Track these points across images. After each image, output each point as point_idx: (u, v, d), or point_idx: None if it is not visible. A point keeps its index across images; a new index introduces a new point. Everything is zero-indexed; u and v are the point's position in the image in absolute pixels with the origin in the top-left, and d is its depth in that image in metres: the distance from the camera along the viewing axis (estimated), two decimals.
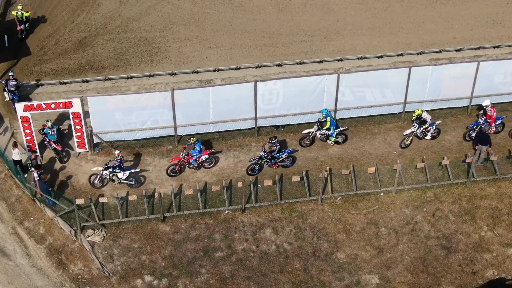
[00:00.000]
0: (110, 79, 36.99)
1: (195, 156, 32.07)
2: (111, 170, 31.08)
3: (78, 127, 32.34)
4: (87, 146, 33.03)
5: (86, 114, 32.34)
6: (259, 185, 31.84)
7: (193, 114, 33.18)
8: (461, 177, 32.47)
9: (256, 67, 38.03)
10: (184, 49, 39.56)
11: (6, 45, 39.34)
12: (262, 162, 32.39)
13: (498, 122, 34.07)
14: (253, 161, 32.25)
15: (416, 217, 31.24)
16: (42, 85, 36.45)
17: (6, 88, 34.72)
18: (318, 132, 33.48)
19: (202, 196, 31.11)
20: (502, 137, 34.23)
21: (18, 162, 31.70)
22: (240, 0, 43.47)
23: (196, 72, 37.62)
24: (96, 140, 33.12)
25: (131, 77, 37.09)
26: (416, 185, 32.13)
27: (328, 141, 33.72)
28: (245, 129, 34.23)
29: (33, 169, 30.37)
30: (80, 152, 33.18)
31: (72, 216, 30.18)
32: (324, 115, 33.14)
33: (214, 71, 37.74)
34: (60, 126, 33.61)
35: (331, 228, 30.80)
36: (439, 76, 34.28)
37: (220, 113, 33.38)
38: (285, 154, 32.47)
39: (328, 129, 33.38)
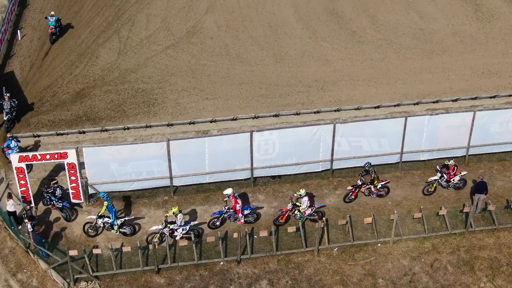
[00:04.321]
0: (106, 130, 37.07)
1: None
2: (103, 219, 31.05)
3: (73, 178, 32.19)
4: (82, 197, 32.84)
5: (82, 165, 32.25)
6: (255, 236, 31.52)
7: (189, 164, 33.05)
8: (459, 227, 32.14)
9: (253, 118, 38.12)
10: (181, 100, 39.72)
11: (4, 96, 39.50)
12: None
13: (247, 212, 31.84)
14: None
15: (414, 268, 30.80)
16: (38, 136, 36.48)
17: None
18: (100, 220, 31.14)
19: (197, 247, 30.75)
20: (499, 187, 34.01)
21: (12, 213, 31.48)
22: (237, 52, 43.83)
23: (193, 123, 37.70)
24: (91, 191, 32.96)
25: (128, 128, 37.17)
26: (413, 236, 31.79)
27: (112, 230, 31.35)
28: (241, 179, 34.06)
29: (26, 220, 30.14)
30: (75, 203, 32.99)
31: (65, 268, 29.79)
32: (103, 198, 31.15)
33: (211, 121, 37.82)
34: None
35: (327, 280, 30.35)
36: (436, 125, 34.25)
37: (216, 163, 33.25)
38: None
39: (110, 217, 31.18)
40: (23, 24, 46.45)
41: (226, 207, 31.74)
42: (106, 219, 31.28)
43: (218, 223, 31.90)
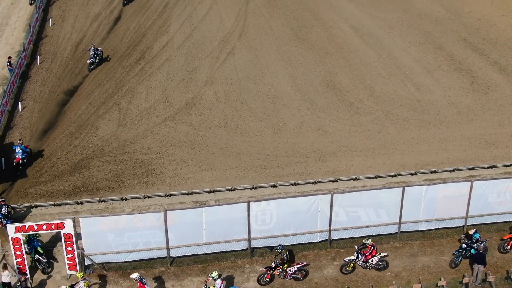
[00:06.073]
0: (104, 201, 37.04)
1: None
2: None
3: (69, 248, 31.98)
4: (78, 268, 32.53)
5: (78, 235, 32.12)
6: None
7: (186, 235, 32.89)
8: None
9: (251, 188, 38.11)
10: (179, 171, 39.82)
11: (3, 167, 39.72)
12: None
13: None
14: None
15: None
16: (36, 206, 36.44)
17: None
18: (26, 246, 32.07)
19: None
20: (499, 257, 33.72)
21: (7, 285, 31.18)
22: (236, 123, 44.17)
23: (191, 194, 37.68)
24: (87, 262, 32.69)
25: (126, 199, 37.14)
26: None
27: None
28: (239, 250, 33.83)
29: None
30: (71, 275, 32.67)
31: None
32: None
33: (209, 192, 37.80)
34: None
35: None
36: (433, 195, 34.23)
37: (214, 234, 33.09)
38: None
39: None
40: (24, 95, 47.08)
41: None
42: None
43: None
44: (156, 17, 57.83)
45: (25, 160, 39.66)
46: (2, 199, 34.98)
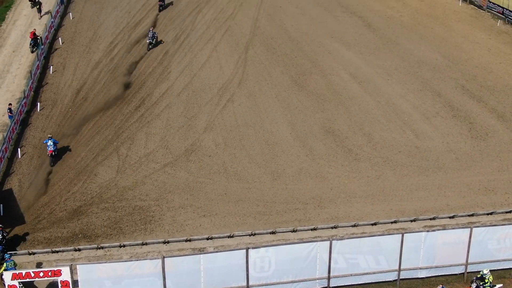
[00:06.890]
0: (102, 248, 36.87)
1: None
2: None
3: None
4: None
5: (75, 282, 31.92)
6: None
7: (184, 282, 32.67)
8: None
9: (250, 235, 37.96)
10: (178, 218, 39.73)
11: (1, 214, 39.66)
12: None
13: None
14: None
15: None
16: (33, 253, 36.28)
17: None
18: None
19: None
20: None
21: None
22: (235, 170, 44.21)
23: (189, 240, 37.52)
24: None
25: (124, 246, 36.97)
26: None
27: None
28: None
29: None
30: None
31: None
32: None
33: (207, 239, 37.64)
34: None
35: None
36: (433, 242, 34.08)
37: (212, 281, 32.88)
38: None
39: None
40: (24, 142, 47.22)
41: None
42: None
43: None
44: (156, 65, 58.38)
45: (56, 152, 44.47)
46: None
